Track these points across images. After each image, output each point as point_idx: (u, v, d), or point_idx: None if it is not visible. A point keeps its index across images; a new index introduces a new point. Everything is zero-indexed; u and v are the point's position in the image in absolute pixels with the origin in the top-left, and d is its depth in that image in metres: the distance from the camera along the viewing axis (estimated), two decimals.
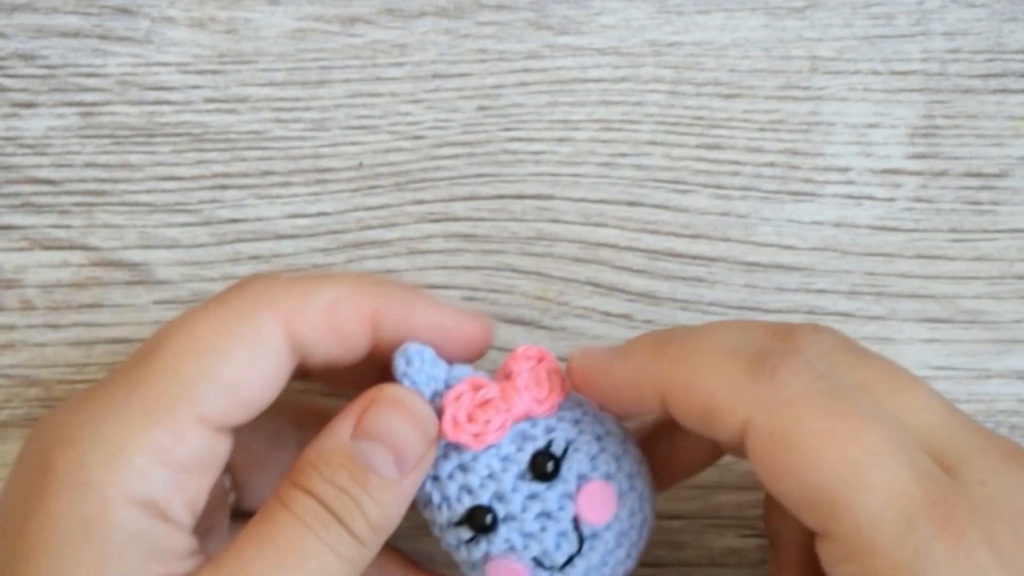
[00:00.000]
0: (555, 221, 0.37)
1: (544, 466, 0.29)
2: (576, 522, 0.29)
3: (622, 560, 0.30)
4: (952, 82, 0.38)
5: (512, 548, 0.29)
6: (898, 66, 0.38)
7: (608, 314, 0.37)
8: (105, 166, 0.37)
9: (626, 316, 0.37)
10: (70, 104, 0.37)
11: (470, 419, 0.29)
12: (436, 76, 0.38)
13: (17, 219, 0.37)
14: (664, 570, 0.36)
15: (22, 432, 0.36)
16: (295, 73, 0.38)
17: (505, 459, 0.29)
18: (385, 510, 0.28)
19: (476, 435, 0.29)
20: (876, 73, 0.38)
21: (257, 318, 0.28)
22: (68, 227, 0.37)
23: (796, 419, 0.26)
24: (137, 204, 0.37)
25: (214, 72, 0.37)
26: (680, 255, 0.37)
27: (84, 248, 0.37)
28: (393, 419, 0.28)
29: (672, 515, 0.36)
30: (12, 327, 0.37)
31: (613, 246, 0.37)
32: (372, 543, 0.28)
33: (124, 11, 0.38)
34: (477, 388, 0.29)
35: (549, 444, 0.29)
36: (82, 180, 0.37)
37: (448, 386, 0.29)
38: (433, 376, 0.30)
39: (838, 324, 0.37)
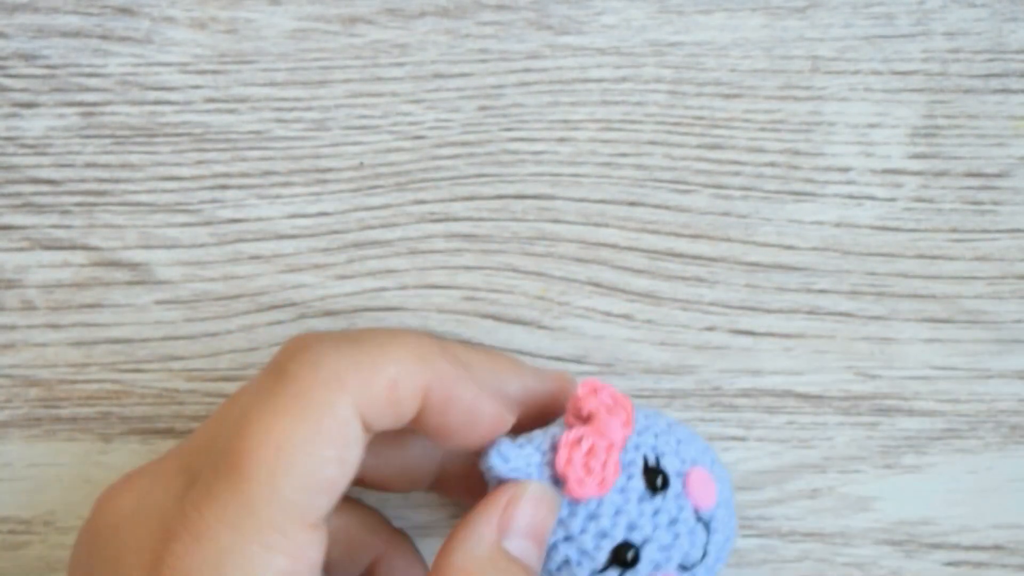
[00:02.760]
0: (556, 221, 0.37)
1: (656, 480, 0.30)
2: (696, 513, 0.31)
3: (735, 528, 0.32)
4: (953, 82, 0.38)
5: (657, 567, 0.30)
6: (899, 66, 0.38)
7: (609, 314, 0.37)
8: (106, 166, 0.37)
9: (627, 316, 0.37)
10: (71, 104, 0.37)
11: (588, 472, 0.30)
12: (437, 76, 0.38)
13: (18, 219, 0.37)
14: None
15: (22, 432, 0.36)
16: (296, 73, 0.38)
17: (623, 491, 0.30)
18: None
19: (601, 482, 0.30)
20: (877, 73, 0.38)
21: (334, 410, 0.28)
22: (69, 227, 0.37)
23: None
24: (138, 204, 0.37)
25: (215, 72, 0.37)
26: (681, 255, 0.37)
27: (85, 248, 0.37)
28: (540, 515, 0.29)
29: None
30: (13, 327, 0.37)
31: (614, 246, 0.37)
32: None
33: (125, 11, 0.38)
34: (577, 442, 0.30)
35: (646, 459, 0.31)
36: (83, 180, 0.37)
37: (543, 452, 0.30)
38: (528, 455, 0.30)
39: (839, 324, 0.37)
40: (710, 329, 0.37)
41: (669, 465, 0.31)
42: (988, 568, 0.36)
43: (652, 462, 0.31)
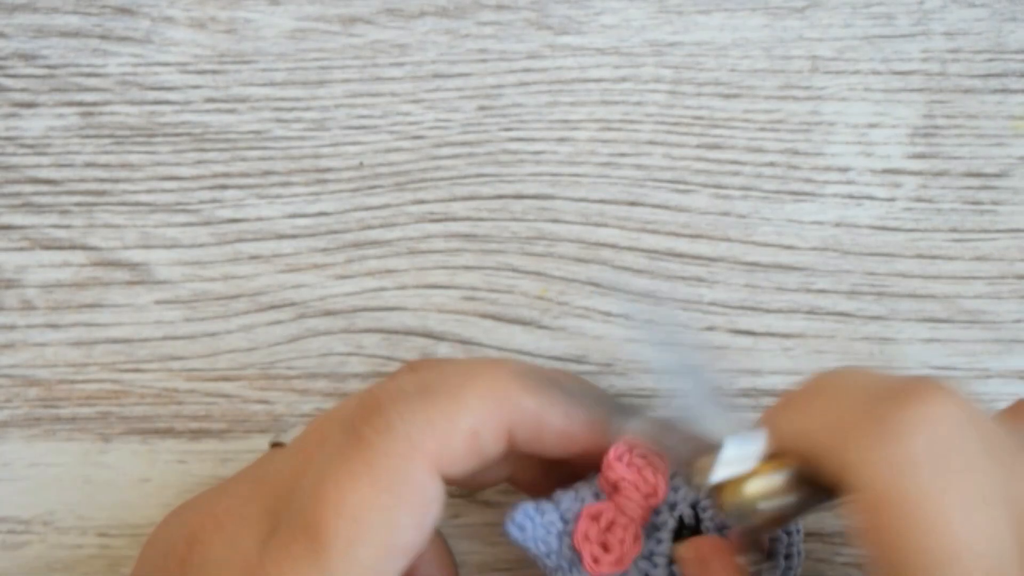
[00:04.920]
0: (555, 221, 0.37)
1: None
2: None
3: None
4: (952, 82, 0.38)
5: None
6: (898, 66, 0.38)
7: (609, 314, 0.37)
8: (105, 166, 0.37)
9: (627, 316, 0.37)
10: (70, 104, 0.37)
11: (606, 549, 0.30)
12: (436, 76, 0.38)
13: (17, 219, 0.37)
14: None
15: (22, 432, 0.36)
16: (295, 73, 0.38)
17: (650, 558, 0.30)
18: None
19: (618, 559, 0.29)
20: (876, 73, 0.38)
21: (412, 474, 0.28)
22: (68, 227, 0.37)
23: (917, 486, 0.24)
24: (137, 204, 0.37)
25: (214, 72, 0.37)
26: (680, 255, 0.37)
27: (84, 248, 0.37)
28: None
29: None
30: (12, 327, 0.37)
31: (613, 246, 0.37)
32: None
33: (124, 11, 0.38)
34: (596, 517, 0.30)
35: (682, 519, 0.30)
36: (82, 180, 0.37)
37: (564, 520, 0.30)
38: (548, 523, 0.30)
39: (838, 324, 0.37)
40: (710, 329, 0.37)
41: (711, 518, 0.30)
42: None
43: (689, 519, 0.30)
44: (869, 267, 0.37)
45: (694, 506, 0.30)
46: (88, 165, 0.37)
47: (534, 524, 0.30)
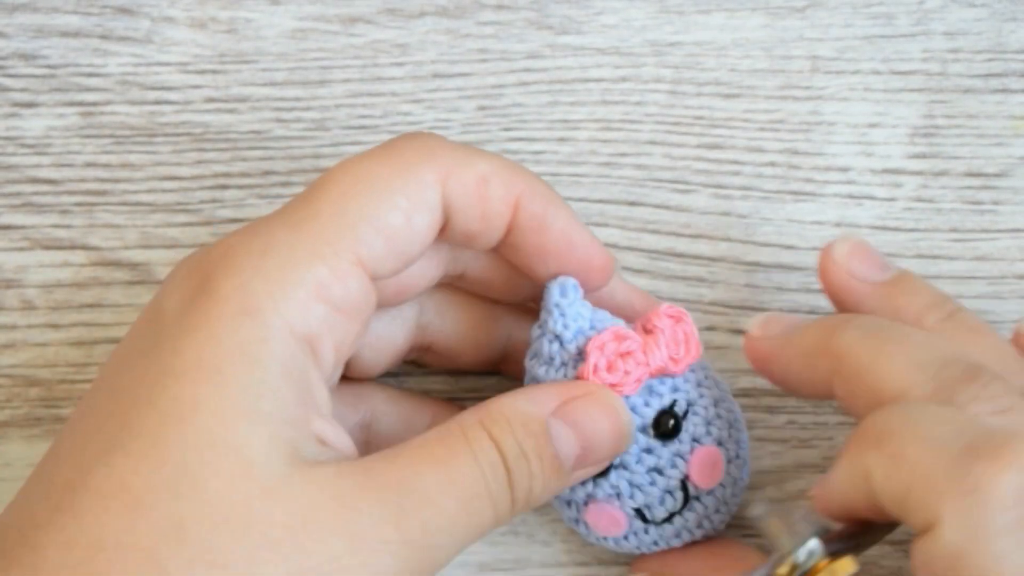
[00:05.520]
0: None
1: (667, 425, 0.30)
2: (684, 482, 0.31)
3: (715, 525, 0.31)
4: (952, 82, 0.38)
5: (617, 495, 0.30)
6: (899, 66, 0.38)
7: None
8: (106, 166, 0.37)
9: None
10: (71, 104, 0.37)
11: (610, 368, 0.30)
12: (436, 76, 0.38)
13: (18, 219, 0.37)
14: None
15: (22, 432, 0.36)
16: (296, 73, 0.38)
17: (631, 411, 0.30)
18: (547, 493, 0.29)
19: (614, 385, 0.30)
20: (877, 73, 0.38)
21: (419, 170, 0.29)
22: (69, 227, 0.37)
23: (999, 551, 0.24)
24: (138, 204, 0.37)
25: (215, 72, 0.37)
26: (681, 255, 0.37)
27: (85, 248, 0.37)
28: (598, 419, 0.29)
29: None
30: (13, 327, 0.37)
31: (614, 246, 0.37)
32: (518, 512, 0.28)
33: (124, 11, 0.38)
34: (620, 339, 0.30)
35: (673, 404, 0.30)
36: (83, 180, 0.37)
37: (593, 327, 0.30)
38: (581, 314, 0.30)
39: None
40: (710, 329, 0.37)
41: (691, 426, 0.31)
42: None
43: (675, 410, 0.30)
44: None
45: (689, 406, 0.31)
46: (88, 165, 0.37)
47: (575, 299, 0.30)
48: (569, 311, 0.30)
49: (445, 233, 0.30)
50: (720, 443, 0.31)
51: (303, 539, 0.25)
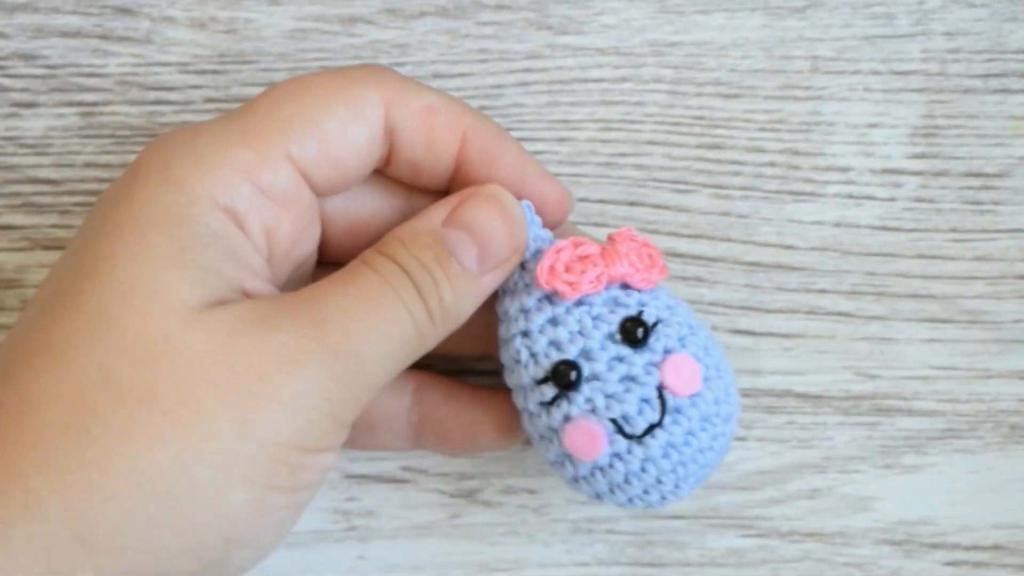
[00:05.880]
0: None
1: (634, 331, 0.30)
2: (660, 391, 0.29)
3: (703, 448, 0.30)
4: (952, 82, 0.38)
5: (593, 409, 0.29)
6: (898, 66, 0.38)
7: None
8: (106, 166, 0.37)
9: None
10: (71, 104, 0.37)
11: (567, 270, 0.29)
12: (436, 76, 0.38)
13: (18, 219, 0.37)
14: (664, 570, 0.36)
15: None
16: (296, 73, 0.38)
17: (596, 318, 0.30)
18: (459, 298, 0.29)
19: (571, 283, 0.29)
20: (876, 73, 0.38)
21: (362, 86, 0.29)
22: (69, 227, 0.37)
23: None
24: None
25: (215, 72, 0.37)
26: (681, 255, 0.37)
27: None
28: (486, 215, 0.29)
29: (672, 515, 0.36)
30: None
31: None
32: (440, 326, 0.29)
33: (124, 11, 0.38)
34: (579, 245, 0.30)
35: (640, 312, 0.30)
36: (83, 180, 0.37)
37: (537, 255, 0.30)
38: (540, 235, 0.30)
39: (839, 324, 0.37)
40: (711, 329, 0.37)
41: (662, 338, 0.30)
42: (988, 568, 0.36)
43: (644, 319, 0.30)
44: (869, 267, 0.37)
45: (659, 319, 0.30)
46: (88, 165, 0.37)
47: (531, 221, 0.30)
48: (528, 231, 0.30)
49: (392, 165, 0.31)
50: (696, 357, 0.30)
51: (227, 362, 0.26)
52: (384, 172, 0.32)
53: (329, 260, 0.33)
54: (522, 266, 0.30)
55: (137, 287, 0.26)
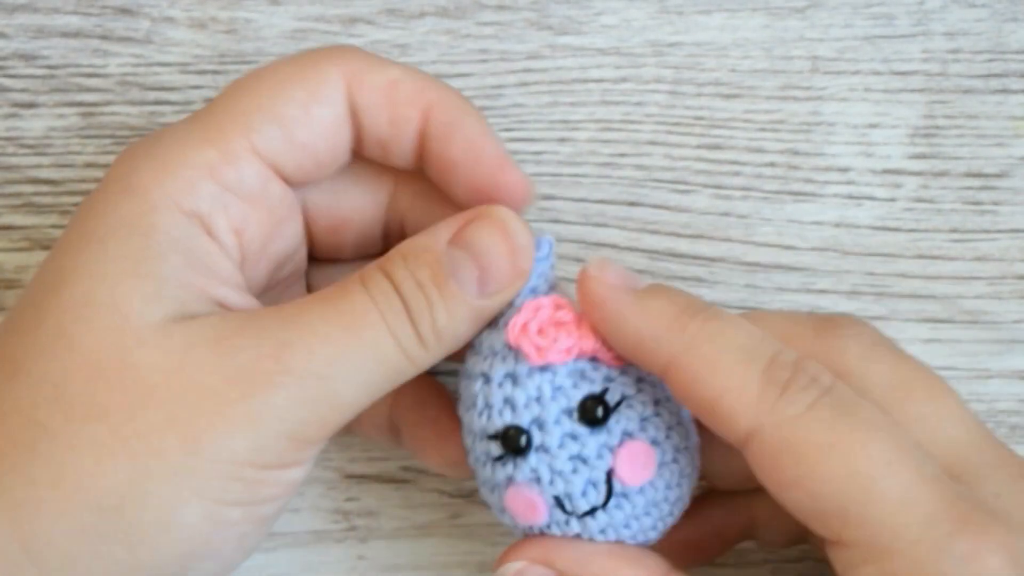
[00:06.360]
0: (556, 221, 0.37)
1: (594, 411, 0.28)
2: (609, 476, 0.28)
3: (646, 529, 0.29)
4: (953, 82, 0.38)
5: (538, 480, 0.28)
6: (899, 66, 0.38)
7: None
8: (106, 166, 0.37)
9: None
10: (71, 104, 0.37)
11: (539, 332, 0.28)
12: (437, 76, 0.38)
13: (18, 219, 0.37)
14: None
15: None
16: None
17: (557, 389, 0.28)
18: (454, 322, 0.28)
19: (539, 348, 0.28)
20: (877, 73, 0.38)
21: (321, 68, 0.29)
22: None
23: (803, 433, 0.25)
24: None
25: (215, 72, 0.37)
26: (681, 255, 0.37)
27: None
28: (491, 239, 0.28)
29: None
30: None
31: (614, 246, 0.37)
32: (432, 349, 0.28)
33: (125, 11, 0.38)
34: (558, 307, 0.29)
35: (604, 391, 0.29)
36: (83, 180, 0.37)
37: (535, 294, 0.29)
38: (543, 274, 0.29)
39: None
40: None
41: (623, 420, 0.28)
42: None
43: (606, 398, 0.28)
44: (869, 267, 0.37)
45: (623, 398, 0.29)
46: (88, 165, 0.37)
47: (547, 255, 0.29)
48: (536, 267, 0.29)
49: (363, 145, 0.30)
50: (654, 442, 0.29)
51: (180, 380, 0.26)
52: (361, 154, 0.31)
53: (322, 257, 0.33)
54: (511, 302, 0.29)
55: (94, 302, 0.26)
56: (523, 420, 0.28)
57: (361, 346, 0.27)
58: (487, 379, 0.29)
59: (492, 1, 0.38)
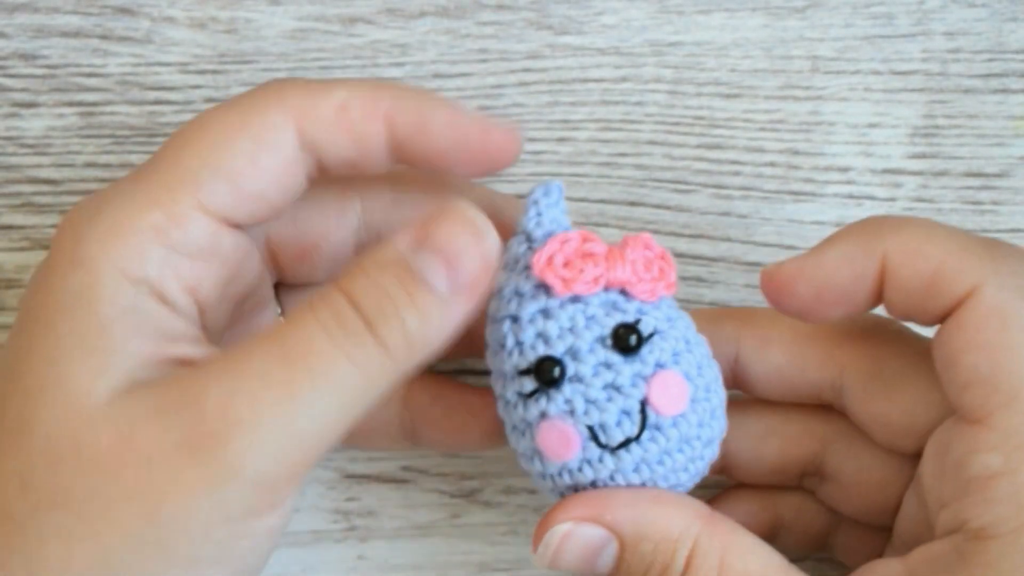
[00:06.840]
0: None
1: (627, 338, 0.28)
2: (644, 405, 0.28)
3: (678, 469, 0.29)
4: (953, 82, 0.38)
5: (571, 411, 0.28)
6: (899, 66, 0.38)
7: None
8: (106, 166, 0.37)
9: None
10: (71, 104, 0.37)
11: (566, 265, 0.28)
12: (437, 76, 0.38)
13: (18, 219, 0.37)
14: None
15: None
16: (296, 73, 0.38)
17: (591, 319, 0.28)
18: (426, 326, 0.27)
19: (565, 280, 0.28)
20: (877, 73, 0.38)
21: (265, 113, 0.28)
22: None
23: (1022, 303, 0.27)
24: None
25: (215, 72, 0.37)
26: (681, 255, 0.37)
27: None
28: (451, 230, 0.27)
29: None
30: None
31: None
32: (404, 357, 0.27)
33: (124, 11, 0.38)
34: (586, 240, 0.28)
35: (637, 322, 0.28)
36: (83, 180, 0.37)
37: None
38: (558, 219, 0.29)
39: None
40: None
41: (656, 351, 0.28)
42: None
43: (640, 328, 0.28)
44: None
45: (656, 331, 0.29)
46: (88, 165, 0.37)
47: (557, 201, 0.29)
48: (546, 212, 0.29)
49: (329, 171, 0.30)
50: (688, 376, 0.28)
51: (132, 454, 0.25)
52: (330, 175, 0.30)
53: (296, 283, 0.33)
54: (529, 245, 0.29)
55: (47, 386, 0.26)
56: (557, 350, 0.28)
57: (312, 378, 0.26)
58: (516, 319, 0.29)
59: (492, 1, 0.38)
